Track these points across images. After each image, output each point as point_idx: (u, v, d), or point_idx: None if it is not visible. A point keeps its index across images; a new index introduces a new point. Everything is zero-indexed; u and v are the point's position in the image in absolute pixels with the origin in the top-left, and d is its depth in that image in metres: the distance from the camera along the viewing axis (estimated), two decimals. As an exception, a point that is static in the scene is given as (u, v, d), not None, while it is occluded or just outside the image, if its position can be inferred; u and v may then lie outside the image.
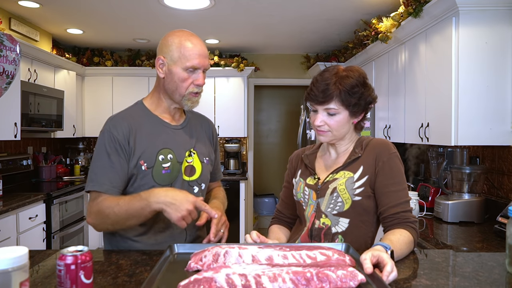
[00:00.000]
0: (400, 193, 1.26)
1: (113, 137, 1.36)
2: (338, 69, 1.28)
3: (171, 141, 1.44)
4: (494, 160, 2.48)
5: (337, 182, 1.30)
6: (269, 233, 1.49)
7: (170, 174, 1.41)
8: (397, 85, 3.19)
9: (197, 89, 1.41)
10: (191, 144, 1.50)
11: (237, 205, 4.70)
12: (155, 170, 1.39)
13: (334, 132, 1.29)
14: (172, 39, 1.40)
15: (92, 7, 3.46)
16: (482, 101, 2.27)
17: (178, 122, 1.51)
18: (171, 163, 1.41)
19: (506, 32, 2.24)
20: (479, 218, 2.34)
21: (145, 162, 1.38)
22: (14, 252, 0.77)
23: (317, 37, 4.47)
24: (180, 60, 1.37)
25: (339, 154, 1.38)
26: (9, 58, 2.12)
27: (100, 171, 1.35)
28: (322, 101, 1.25)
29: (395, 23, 2.99)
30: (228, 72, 5.04)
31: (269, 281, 0.90)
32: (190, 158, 1.47)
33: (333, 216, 1.30)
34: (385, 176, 1.27)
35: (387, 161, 1.28)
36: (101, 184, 1.33)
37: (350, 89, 1.24)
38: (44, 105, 3.81)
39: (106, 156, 1.35)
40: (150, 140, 1.41)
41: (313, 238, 1.32)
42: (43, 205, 3.42)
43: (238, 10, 3.54)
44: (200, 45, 1.40)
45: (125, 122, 1.40)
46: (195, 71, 1.39)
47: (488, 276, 1.06)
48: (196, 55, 1.37)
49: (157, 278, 0.99)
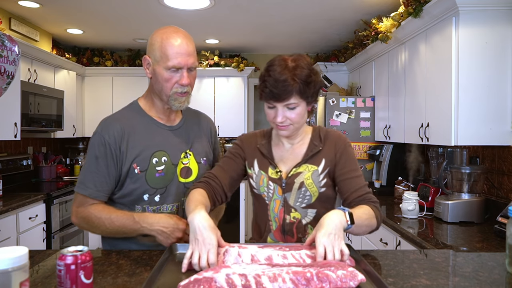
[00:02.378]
0: (359, 179, 1.33)
1: (104, 140, 1.34)
2: (286, 61, 1.25)
3: (166, 143, 1.41)
4: (494, 160, 2.48)
5: (303, 176, 1.32)
6: (191, 197, 1.27)
7: (164, 177, 1.38)
8: (397, 85, 3.19)
9: (182, 89, 1.35)
10: (187, 145, 1.46)
11: (237, 205, 4.69)
12: (149, 173, 1.36)
13: (295, 125, 1.29)
14: (155, 37, 1.36)
15: (92, 7, 3.46)
16: (482, 101, 2.27)
17: (174, 122, 1.48)
18: (165, 165, 1.39)
19: (506, 32, 2.24)
20: (479, 218, 2.34)
21: (138, 165, 1.35)
22: (14, 252, 0.77)
23: (317, 37, 4.47)
24: (162, 59, 1.33)
25: (294, 145, 1.38)
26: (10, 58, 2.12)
27: (87, 174, 1.35)
28: (283, 99, 1.23)
29: (395, 23, 2.99)
30: (228, 72, 5.04)
31: (269, 281, 0.90)
32: (186, 160, 1.44)
33: (302, 209, 1.34)
34: (343, 165, 1.33)
35: (344, 151, 1.35)
36: (86, 187, 1.34)
37: (306, 80, 1.24)
38: (44, 105, 3.81)
39: (94, 160, 1.34)
40: (144, 143, 1.38)
41: (286, 234, 1.34)
42: (43, 205, 3.42)
43: (238, 10, 3.54)
44: (183, 43, 1.33)
45: (118, 124, 1.37)
46: (178, 71, 1.33)
47: (488, 276, 1.05)
48: (177, 54, 1.31)
49: (157, 278, 0.99)
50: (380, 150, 3.53)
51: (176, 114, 1.50)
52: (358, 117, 3.81)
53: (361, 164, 3.69)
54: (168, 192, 1.41)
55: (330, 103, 3.81)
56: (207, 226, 1.08)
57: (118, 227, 1.32)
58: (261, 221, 1.39)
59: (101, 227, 1.33)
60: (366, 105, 3.79)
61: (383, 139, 3.52)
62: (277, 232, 1.35)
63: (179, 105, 1.38)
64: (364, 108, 3.80)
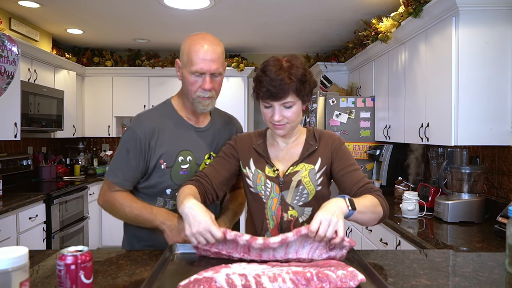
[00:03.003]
0: (357, 172, 1.36)
1: (136, 135, 1.43)
2: (281, 62, 1.28)
3: (192, 143, 1.49)
4: (494, 160, 2.48)
5: (300, 175, 1.34)
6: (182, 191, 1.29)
7: (188, 175, 1.46)
8: (397, 85, 3.19)
9: (204, 94, 1.41)
10: (212, 147, 1.53)
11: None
12: (174, 170, 1.45)
13: (291, 123, 1.31)
14: (184, 43, 1.44)
15: (92, 7, 3.46)
16: (482, 101, 2.27)
17: (202, 124, 1.54)
18: (189, 164, 1.47)
19: (506, 32, 2.24)
20: (479, 218, 2.34)
21: (165, 161, 1.44)
22: (14, 252, 0.77)
23: (317, 37, 4.47)
24: (188, 64, 1.40)
25: (289, 144, 1.41)
26: (10, 58, 2.12)
27: (117, 164, 1.45)
28: (280, 97, 1.25)
29: (395, 23, 2.99)
30: (228, 72, 5.04)
31: (269, 281, 0.90)
32: (209, 161, 1.50)
33: (299, 207, 1.36)
34: (341, 161, 1.36)
35: (339, 148, 1.38)
36: (116, 176, 1.44)
37: (302, 78, 1.27)
38: (44, 105, 3.81)
39: (126, 152, 1.43)
40: (172, 141, 1.46)
41: (283, 231, 1.34)
42: (43, 205, 3.42)
43: (238, 10, 3.54)
44: (208, 49, 1.39)
45: (150, 123, 1.45)
46: (201, 76, 1.40)
47: (488, 276, 1.06)
48: (201, 59, 1.38)
49: (157, 278, 0.99)
50: (380, 150, 3.53)
51: (205, 116, 1.56)
52: (358, 117, 3.81)
53: (361, 164, 3.69)
54: None
55: (330, 103, 3.81)
56: (198, 210, 1.14)
57: (136, 215, 1.41)
58: (257, 220, 1.40)
59: (121, 212, 1.43)
60: (366, 105, 3.79)
61: (383, 139, 3.52)
62: (275, 230, 1.36)
63: (202, 108, 1.44)
64: (364, 108, 3.80)
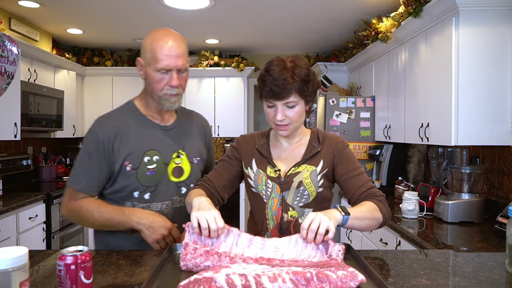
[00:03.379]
0: (361, 176, 1.36)
1: (98, 137, 1.38)
2: (285, 62, 1.29)
3: (159, 142, 1.44)
4: (494, 160, 2.48)
5: (301, 176, 1.34)
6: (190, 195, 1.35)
7: (155, 176, 1.41)
8: (397, 85, 3.19)
9: (172, 91, 1.38)
10: (180, 145, 1.49)
11: (237, 204, 4.70)
12: (140, 171, 1.39)
13: (294, 124, 1.31)
14: (146, 40, 1.39)
15: (92, 7, 3.46)
16: (482, 101, 2.27)
17: (167, 122, 1.50)
18: (156, 164, 1.41)
19: (506, 32, 2.23)
20: (479, 218, 2.34)
21: (130, 163, 1.39)
22: (14, 252, 0.77)
23: (317, 37, 4.47)
24: (152, 62, 1.35)
25: (292, 144, 1.41)
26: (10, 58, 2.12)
27: (80, 169, 1.40)
28: (283, 97, 1.26)
29: (395, 23, 2.99)
30: (228, 72, 5.04)
31: (269, 281, 0.90)
32: (178, 159, 1.46)
33: (300, 208, 1.36)
34: (344, 165, 1.36)
35: (343, 152, 1.38)
36: (78, 182, 1.39)
37: (305, 78, 1.27)
38: (44, 105, 3.81)
39: (87, 156, 1.38)
40: (137, 141, 1.41)
41: (283, 232, 1.35)
42: (43, 205, 3.42)
43: (238, 10, 3.54)
44: (172, 45, 1.35)
45: (113, 123, 1.41)
46: (167, 72, 1.36)
47: (488, 276, 1.05)
48: (166, 56, 1.33)
49: (157, 278, 0.99)
50: (380, 150, 3.53)
51: (171, 114, 1.52)
52: (358, 117, 3.81)
53: (361, 164, 3.68)
54: (158, 191, 1.43)
55: (330, 103, 3.81)
56: (207, 203, 1.19)
57: (107, 220, 1.36)
58: (258, 220, 1.40)
59: (90, 219, 1.38)
60: (366, 105, 3.79)
61: (383, 139, 3.52)
62: (275, 230, 1.36)
63: (169, 105, 1.41)
64: (364, 108, 3.80)
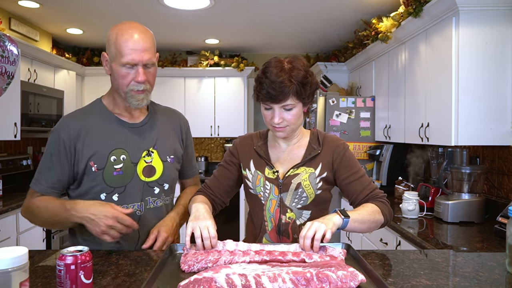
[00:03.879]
0: (362, 178, 1.34)
1: (59, 137, 1.33)
2: (282, 63, 1.26)
3: (126, 141, 1.38)
4: (494, 160, 2.48)
5: (300, 178, 1.33)
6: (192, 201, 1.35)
7: (123, 176, 1.35)
8: (397, 85, 3.19)
9: (138, 87, 1.31)
10: (151, 143, 1.42)
11: (237, 205, 4.70)
12: (106, 171, 1.34)
13: (291, 126, 1.29)
14: (110, 34, 1.32)
15: (92, 7, 3.46)
16: (482, 101, 2.27)
17: (137, 119, 1.43)
18: (123, 164, 1.35)
19: (506, 32, 2.23)
20: (479, 218, 2.33)
21: (96, 163, 1.33)
22: (14, 252, 0.77)
23: (317, 37, 4.47)
24: (117, 56, 1.29)
25: (290, 146, 1.39)
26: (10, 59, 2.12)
27: (41, 170, 1.36)
28: (280, 100, 1.23)
29: (395, 23, 2.99)
30: (228, 72, 5.04)
31: (269, 281, 0.90)
32: (149, 158, 1.40)
33: (298, 210, 1.35)
34: (346, 169, 1.35)
35: (343, 156, 1.36)
36: (39, 183, 1.35)
37: (302, 81, 1.25)
38: (44, 105, 3.81)
39: (49, 157, 1.34)
40: (103, 141, 1.35)
41: (281, 234, 1.35)
42: (43, 205, 3.41)
43: (238, 10, 3.54)
44: (138, 38, 1.28)
45: (77, 122, 1.36)
46: (133, 67, 1.29)
47: (488, 276, 1.05)
48: (131, 50, 1.27)
49: (157, 278, 0.99)
50: (380, 150, 3.53)
51: (141, 111, 1.45)
52: (358, 117, 3.81)
53: (361, 164, 3.68)
54: (128, 192, 1.37)
55: (330, 103, 3.81)
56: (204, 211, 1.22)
57: (52, 216, 1.31)
58: (256, 222, 1.39)
59: (39, 217, 1.34)
60: (366, 105, 3.79)
61: (383, 139, 3.51)
62: (273, 232, 1.35)
63: (136, 103, 1.34)
64: (364, 108, 3.80)
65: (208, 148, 5.56)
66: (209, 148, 5.56)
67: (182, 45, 4.96)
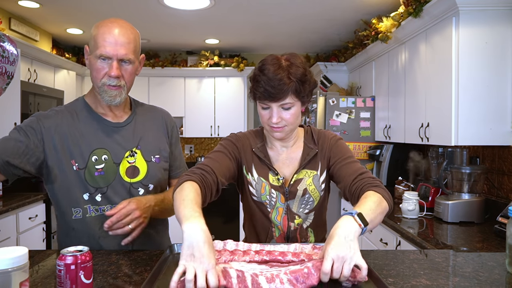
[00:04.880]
0: (354, 163, 1.28)
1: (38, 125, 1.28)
2: (280, 60, 1.20)
3: (108, 140, 1.34)
4: (494, 160, 2.48)
5: (305, 183, 1.30)
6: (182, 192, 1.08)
7: (104, 176, 1.31)
8: (397, 85, 3.19)
9: (111, 82, 1.27)
10: (134, 142, 1.37)
11: (236, 205, 4.69)
12: (87, 171, 1.30)
13: (290, 126, 1.24)
14: (93, 28, 1.31)
15: (92, 7, 3.46)
16: (482, 101, 2.27)
17: (120, 119, 1.39)
18: (105, 164, 1.31)
19: (506, 32, 2.23)
20: (479, 218, 2.34)
21: (77, 162, 1.29)
22: (14, 252, 0.77)
23: (317, 37, 4.47)
24: (94, 48, 1.27)
25: (288, 148, 1.34)
26: (10, 59, 2.12)
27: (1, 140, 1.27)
28: (279, 98, 1.18)
29: (395, 23, 2.99)
30: (228, 72, 5.04)
31: (267, 281, 0.90)
32: (132, 158, 1.35)
33: (305, 214, 1.33)
34: (337, 156, 1.31)
35: (334, 144, 1.33)
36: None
37: (301, 78, 1.20)
38: (44, 105, 3.81)
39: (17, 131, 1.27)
40: (84, 140, 1.31)
41: (290, 240, 1.32)
42: (43, 205, 3.42)
43: (238, 10, 3.54)
44: (115, 32, 1.25)
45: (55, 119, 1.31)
46: (107, 61, 1.26)
47: (488, 276, 1.05)
48: (107, 42, 1.24)
49: (157, 278, 0.99)
50: (380, 150, 3.53)
51: (124, 110, 1.41)
52: (358, 117, 3.81)
53: (361, 164, 3.69)
54: (110, 192, 1.32)
55: (330, 103, 3.81)
56: (207, 242, 0.90)
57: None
58: (261, 229, 1.34)
59: None
60: (366, 105, 3.79)
61: (383, 139, 3.52)
62: (280, 239, 1.32)
63: (109, 99, 1.29)
64: (364, 108, 3.80)
65: (208, 148, 5.56)
66: (209, 148, 5.56)
67: (182, 45, 4.97)
